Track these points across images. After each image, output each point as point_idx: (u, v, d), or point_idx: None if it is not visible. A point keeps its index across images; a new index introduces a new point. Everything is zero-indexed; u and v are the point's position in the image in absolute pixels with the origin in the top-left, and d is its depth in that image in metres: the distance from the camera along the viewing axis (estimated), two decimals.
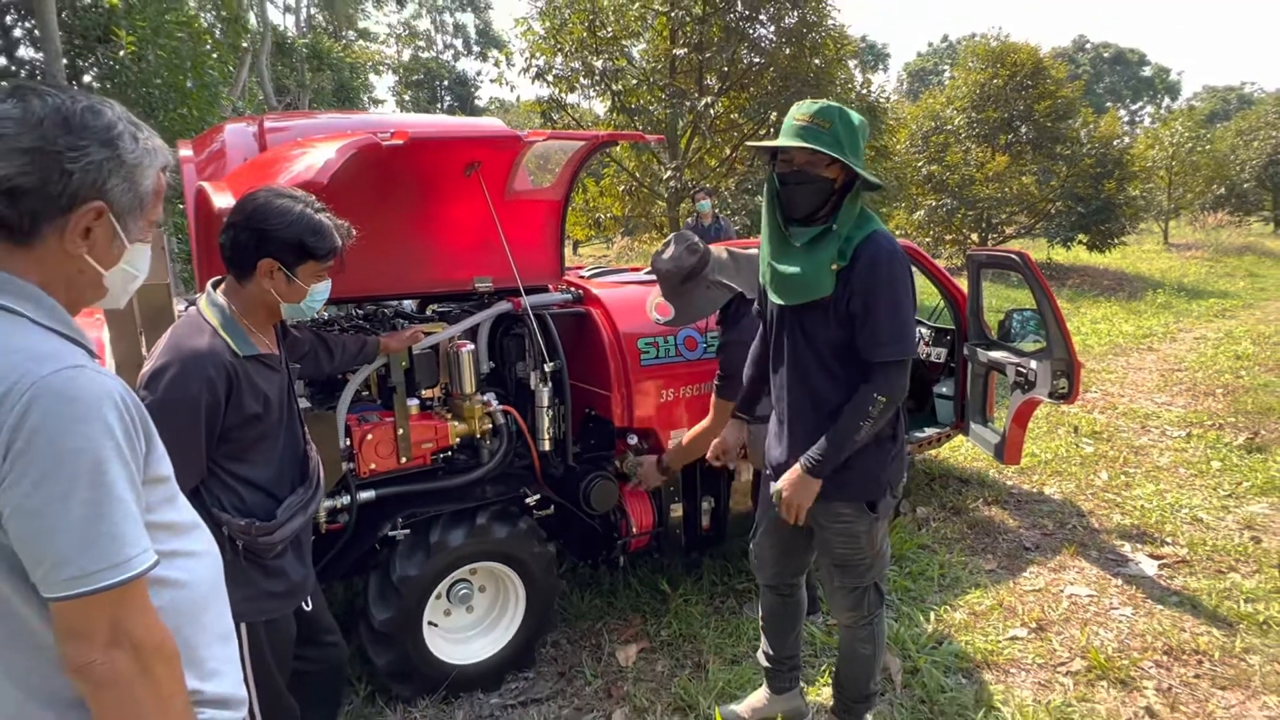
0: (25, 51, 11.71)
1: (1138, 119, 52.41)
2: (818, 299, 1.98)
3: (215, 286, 1.85)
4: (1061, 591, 3.45)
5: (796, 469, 2.03)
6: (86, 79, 11.41)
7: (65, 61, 10.39)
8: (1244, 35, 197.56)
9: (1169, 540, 3.99)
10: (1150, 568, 3.68)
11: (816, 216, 2.01)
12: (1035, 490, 4.77)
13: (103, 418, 0.92)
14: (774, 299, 2.10)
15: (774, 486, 2.10)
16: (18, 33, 11.65)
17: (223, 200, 1.93)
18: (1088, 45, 59.27)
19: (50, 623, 0.94)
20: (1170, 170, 22.41)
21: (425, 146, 2.62)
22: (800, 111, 1.95)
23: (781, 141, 1.95)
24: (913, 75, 56.31)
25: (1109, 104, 43.84)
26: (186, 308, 1.90)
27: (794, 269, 2.00)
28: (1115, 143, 16.97)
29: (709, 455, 2.51)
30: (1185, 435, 5.94)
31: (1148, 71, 60.62)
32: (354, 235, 1.89)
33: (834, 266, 1.94)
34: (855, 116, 1.95)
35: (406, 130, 2.26)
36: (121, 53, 10.70)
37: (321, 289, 1.88)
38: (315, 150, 2.15)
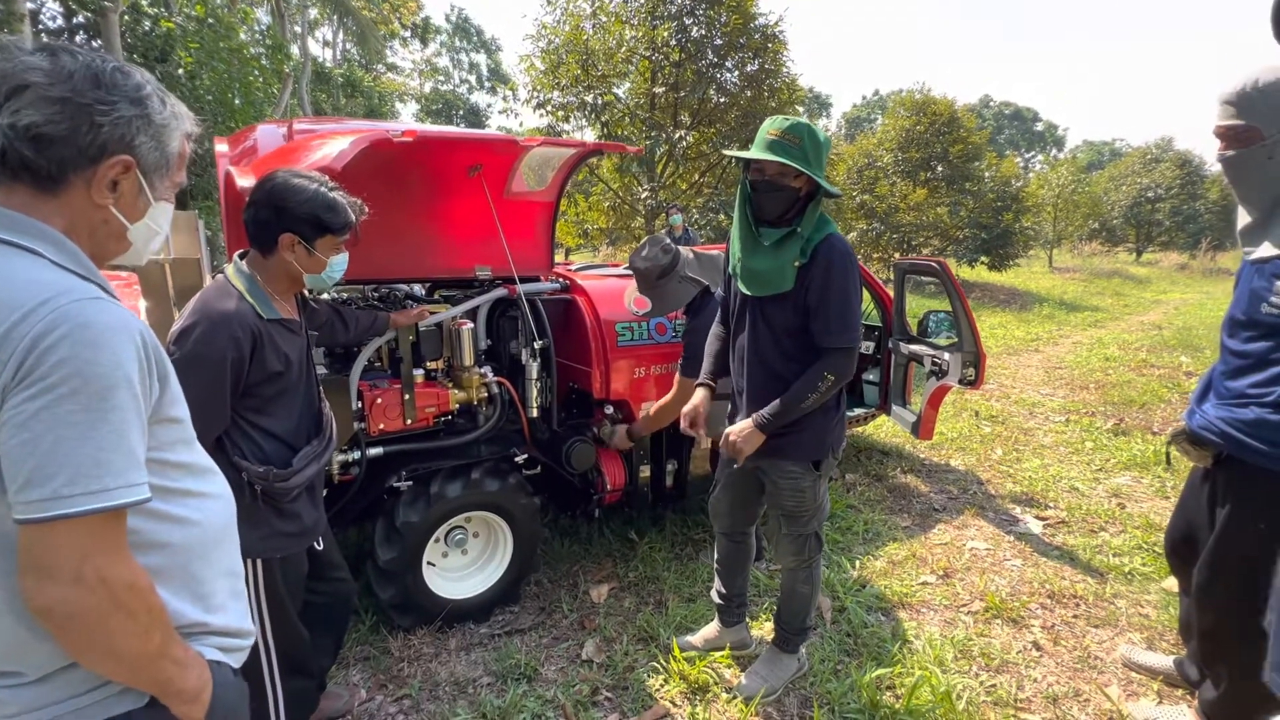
0: None
1: (1030, 165, 53.22)
2: (780, 292, 1.90)
3: (242, 257, 1.72)
4: (964, 545, 3.42)
5: (749, 421, 1.98)
6: None
7: None
8: (1117, 100, 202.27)
9: (1051, 505, 3.99)
10: (1036, 527, 3.67)
11: (783, 219, 1.92)
12: (943, 462, 4.76)
13: (114, 346, 0.78)
14: (742, 289, 2.01)
15: (727, 430, 2.03)
16: None
17: (245, 181, 1.79)
18: (992, 103, 60.00)
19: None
20: (1055, 207, 22.79)
21: (433, 146, 2.49)
22: (774, 126, 1.85)
23: (756, 154, 1.85)
24: (850, 122, 56.55)
25: (1008, 152, 44.43)
26: (214, 276, 1.77)
27: (762, 265, 1.92)
28: (1015, 182, 17.15)
29: (683, 424, 2.38)
30: (1064, 420, 5.99)
31: (1040, 126, 61.61)
32: (366, 212, 1.77)
33: (796, 264, 1.86)
34: (821, 134, 1.86)
35: (416, 130, 2.13)
36: (179, 71, 10.29)
37: (340, 260, 1.76)
38: (333, 142, 2.01)
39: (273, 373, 1.63)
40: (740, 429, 1.99)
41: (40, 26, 10.30)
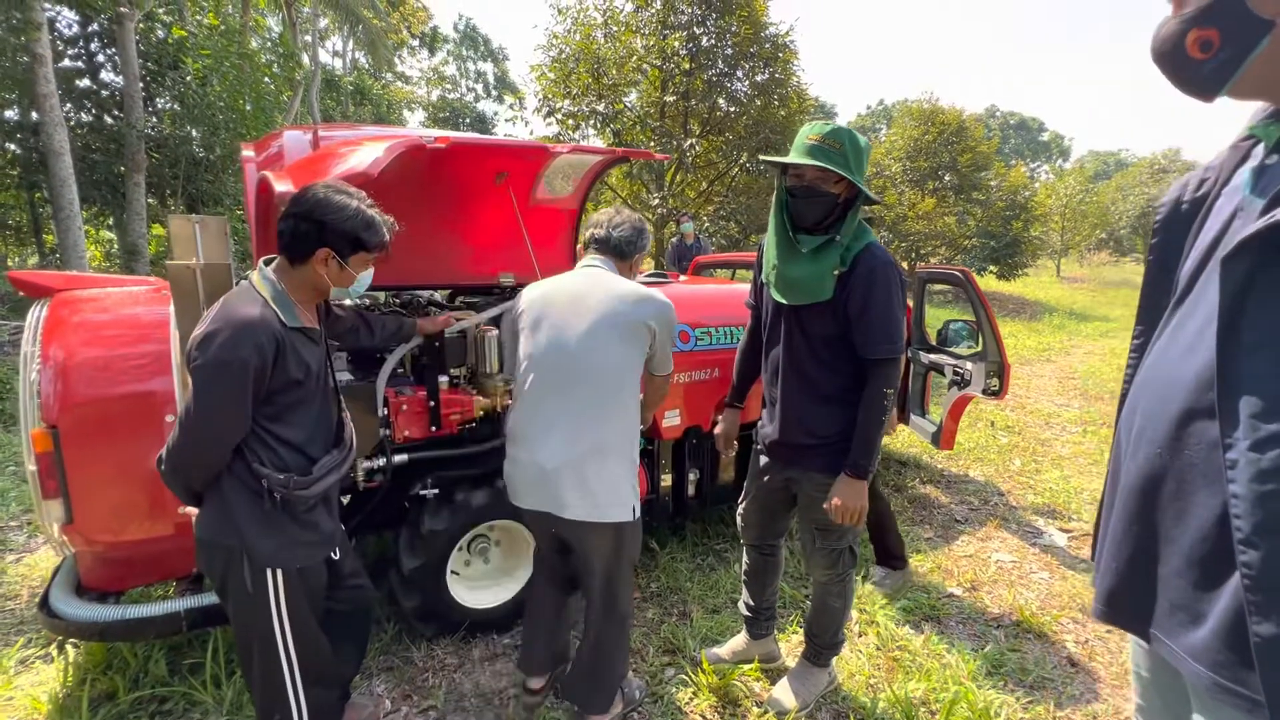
0: (106, 75, 11.30)
1: (1036, 176, 53.23)
2: (819, 301, 1.88)
3: (267, 264, 1.71)
4: (989, 558, 3.38)
5: (846, 481, 1.88)
6: (160, 102, 11.06)
7: (141, 85, 10.05)
8: (1122, 110, 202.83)
9: (1074, 517, 3.95)
10: (1060, 539, 3.63)
11: (821, 226, 1.89)
12: (962, 473, 4.72)
13: None
14: (777, 298, 1.98)
15: (829, 502, 1.90)
16: (100, 59, 11.23)
17: (283, 186, 1.78)
18: (997, 113, 60.13)
19: (635, 396, 1.95)
20: (1063, 216, 22.77)
21: (463, 153, 2.49)
22: (814, 131, 1.81)
23: (796, 158, 1.81)
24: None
25: (1014, 162, 44.44)
26: (239, 283, 1.76)
27: (800, 274, 1.88)
28: (1023, 191, 17.16)
29: (720, 445, 2.37)
30: (1081, 431, 5.94)
31: (1045, 137, 61.70)
32: (397, 231, 1.78)
33: (835, 272, 1.83)
34: (862, 139, 1.83)
35: (449, 136, 2.13)
36: (189, 77, 10.38)
37: (367, 276, 1.78)
38: (366, 148, 2.00)
39: (293, 381, 1.62)
40: (842, 493, 1.87)
41: (56, 34, 10.40)
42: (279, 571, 1.62)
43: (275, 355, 1.56)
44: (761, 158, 2.63)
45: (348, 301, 2.68)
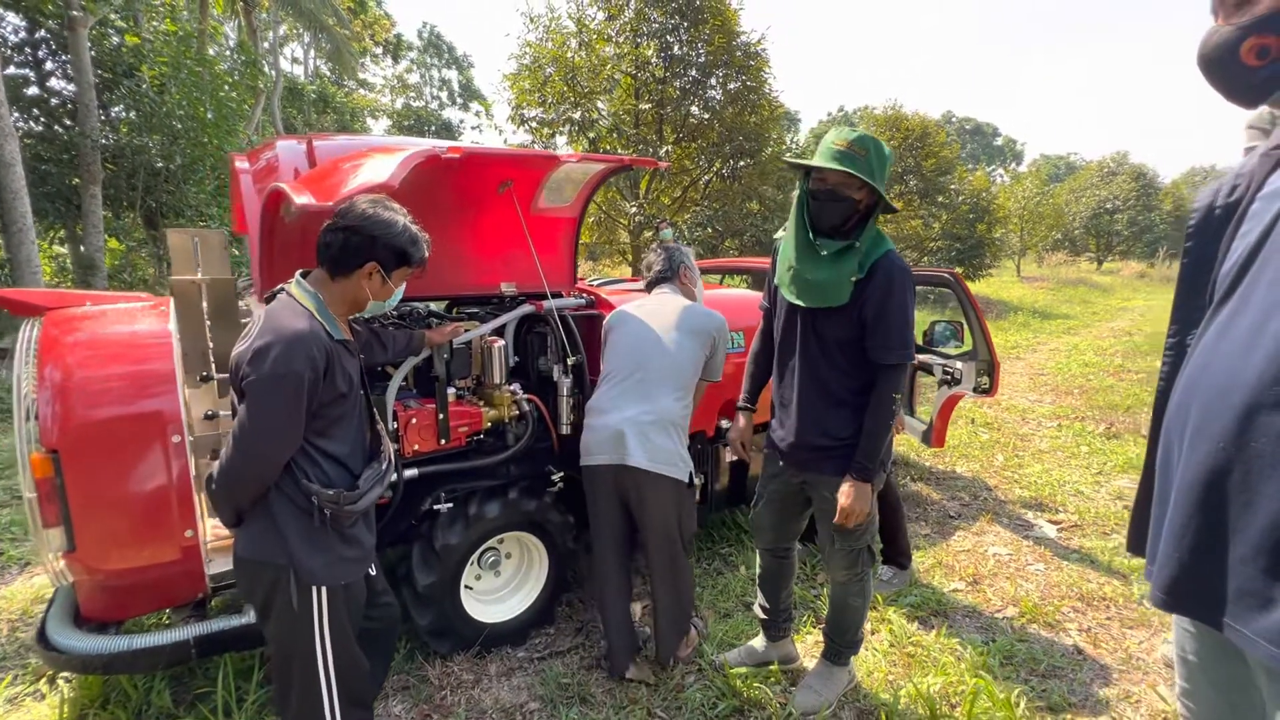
0: (56, 83, 10.85)
1: (993, 179, 54.88)
2: (835, 305, 1.91)
3: (304, 276, 1.69)
4: (986, 551, 3.47)
5: (849, 484, 1.93)
6: (115, 111, 10.68)
7: (95, 93, 9.69)
8: (1071, 115, 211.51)
9: (1061, 509, 4.08)
10: (1051, 531, 3.75)
11: (840, 231, 1.93)
12: (949, 470, 4.84)
13: None
14: (792, 300, 2.01)
15: (841, 504, 1.95)
16: (50, 65, 10.79)
17: (302, 198, 1.74)
18: (953, 119, 61.89)
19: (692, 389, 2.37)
20: (1022, 218, 23.54)
21: (470, 163, 2.47)
22: (839, 137, 1.85)
23: (821, 163, 1.85)
24: (817, 138, 57.62)
25: (970, 167, 45.74)
26: (272, 298, 1.72)
27: (819, 276, 1.91)
28: (984, 193, 17.69)
29: (735, 452, 2.40)
30: (1056, 426, 6.15)
31: (999, 141, 63.79)
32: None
33: (853, 278, 1.87)
34: (886, 149, 1.87)
35: (461, 147, 2.11)
36: (145, 85, 10.05)
37: (400, 290, 1.78)
38: (379, 159, 1.97)
39: (339, 394, 1.61)
40: (848, 494, 1.92)
41: (0, 40, 9.98)
42: (324, 589, 1.59)
43: (326, 368, 1.55)
44: (786, 159, 2.68)
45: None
